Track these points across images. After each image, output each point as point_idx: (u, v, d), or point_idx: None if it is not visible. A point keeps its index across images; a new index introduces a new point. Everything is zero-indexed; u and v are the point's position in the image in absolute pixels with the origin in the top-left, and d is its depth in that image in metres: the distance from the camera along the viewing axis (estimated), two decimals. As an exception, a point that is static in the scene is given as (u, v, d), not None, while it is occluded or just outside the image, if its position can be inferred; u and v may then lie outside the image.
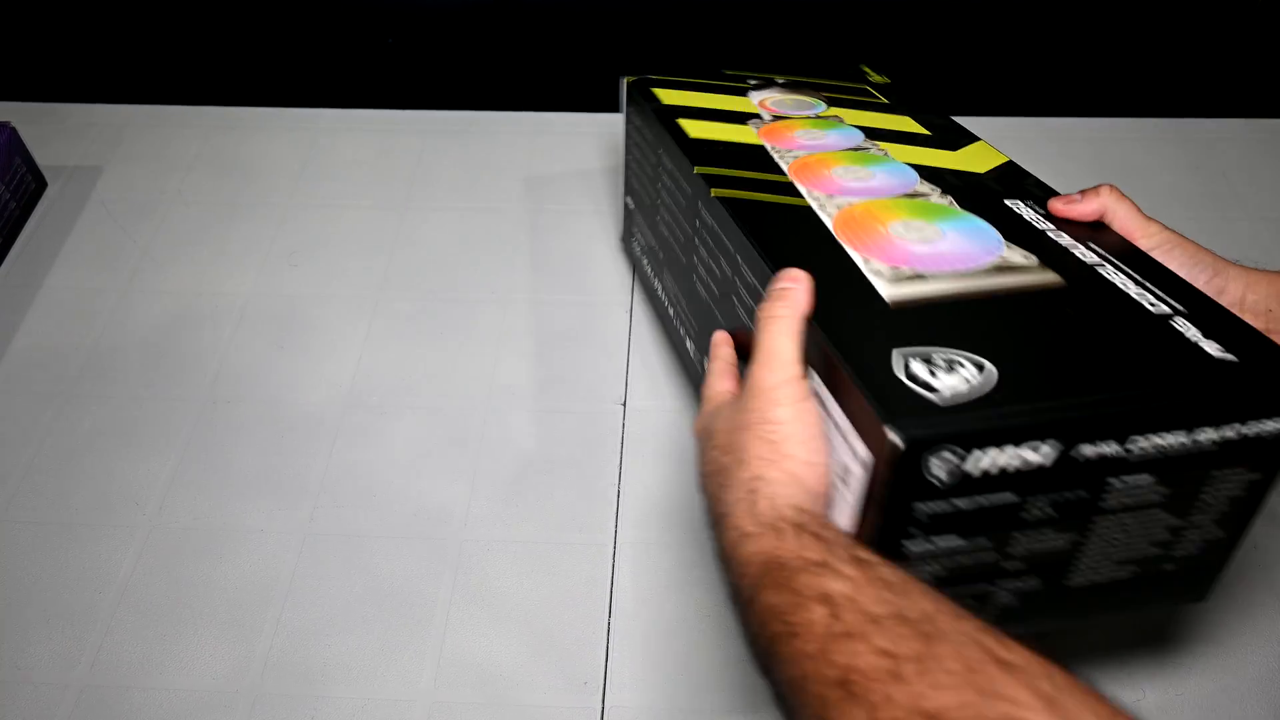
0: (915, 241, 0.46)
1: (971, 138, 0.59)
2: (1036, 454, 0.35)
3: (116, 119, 0.95)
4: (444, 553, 0.63)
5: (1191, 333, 0.39)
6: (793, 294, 0.40)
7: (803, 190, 0.51)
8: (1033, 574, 0.40)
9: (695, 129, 0.60)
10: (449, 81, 0.95)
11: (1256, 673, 0.56)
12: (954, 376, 0.36)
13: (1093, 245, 0.45)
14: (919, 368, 0.37)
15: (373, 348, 0.75)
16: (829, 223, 0.48)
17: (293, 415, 0.70)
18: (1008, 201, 0.50)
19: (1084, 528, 0.38)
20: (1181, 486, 0.38)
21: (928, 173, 0.54)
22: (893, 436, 0.34)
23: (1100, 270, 0.43)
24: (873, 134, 0.59)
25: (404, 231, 0.84)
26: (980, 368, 0.37)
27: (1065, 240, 0.46)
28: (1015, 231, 0.47)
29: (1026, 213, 0.49)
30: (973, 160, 0.56)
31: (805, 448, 0.37)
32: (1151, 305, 0.40)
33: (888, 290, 0.42)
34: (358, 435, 0.69)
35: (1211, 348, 0.38)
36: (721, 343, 0.49)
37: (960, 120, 0.62)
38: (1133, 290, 0.41)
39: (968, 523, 0.37)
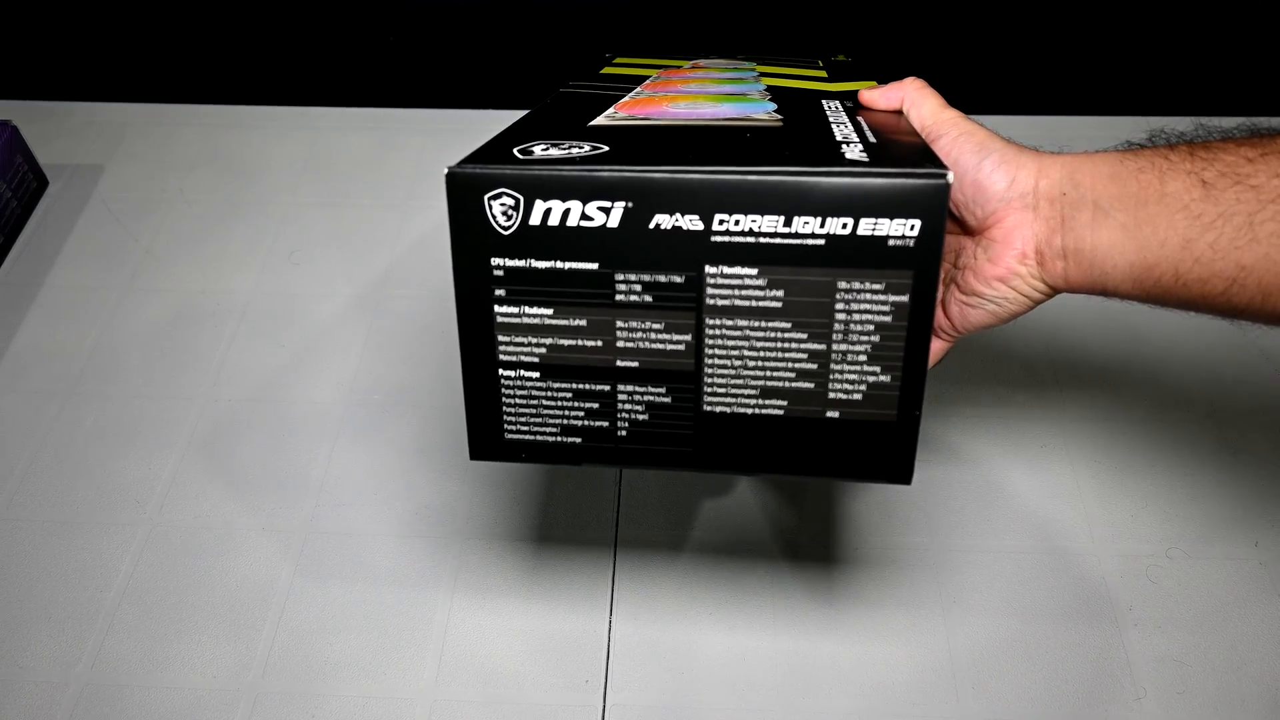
0: (681, 109, 0.45)
1: (869, 80, 0.56)
2: (605, 214, 0.35)
3: (118, 118, 0.95)
4: (445, 551, 0.63)
5: (852, 150, 0.36)
6: None
7: (621, 114, 0.48)
8: (657, 383, 0.38)
9: (610, 70, 0.59)
10: (450, 80, 0.94)
11: (1256, 670, 0.56)
12: (558, 150, 0.36)
13: (860, 118, 0.42)
14: (538, 145, 0.37)
15: (374, 346, 0.75)
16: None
17: (294, 414, 0.70)
18: (824, 100, 0.47)
19: (698, 332, 0.36)
20: (802, 295, 0.35)
21: (779, 91, 0.51)
22: (449, 170, 0.35)
23: (833, 126, 0.41)
24: (776, 90, 0.55)
25: (405, 229, 0.84)
26: (596, 149, 0.37)
27: (835, 114, 0.43)
28: (798, 110, 0.45)
29: (830, 105, 0.46)
30: (841, 86, 0.53)
31: None
32: (843, 138, 0.38)
33: (596, 121, 0.42)
34: (359, 433, 0.69)
35: (853, 153, 0.35)
36: None
37: None
38: (839, 133, 0.39)
39: (554, 293, 0.36)
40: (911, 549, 0.62)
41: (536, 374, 0.38)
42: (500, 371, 0.38)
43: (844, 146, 0.37)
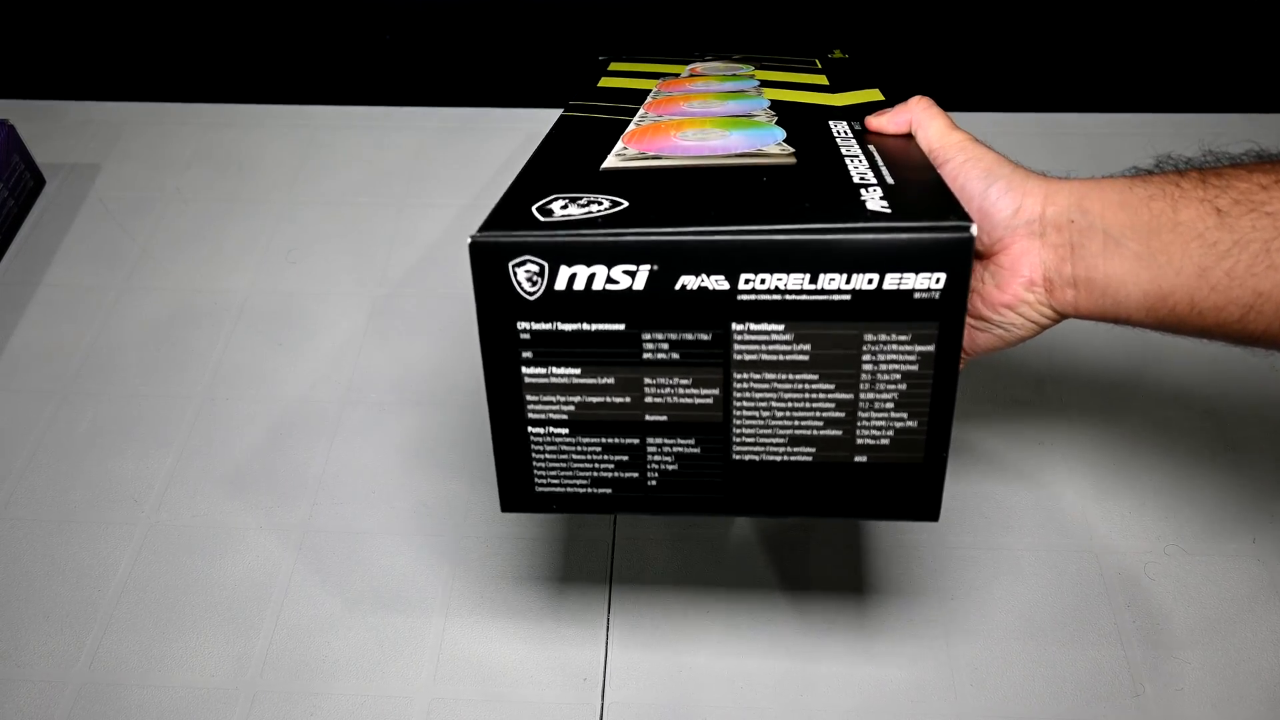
0: (690, 141, 0.45)
1: (871, 87, 0.55)
2: (631, 277, 0.35)
3: (114, 116, 0.95)
4: (443, 549, 0.63)
5: (872, 196, 0.36)
6: None
7: (632, 151, 0.47)
8: (686, 435, 0.38)
9: (608, 82, 0.59)
10: (446, 78, 0.94)
11: (1255, 668, 0.56)
12: (578, 208, 0.36)
13: (872, 147, 0.43)
14: (556, 203, 0.37)
15: (371, 344, 0.75)
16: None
17: (292, 412, 0.70)
18: (831, 121, 0.48)
19: (726, 385, 0.37)
20: (830, 348, 0.36)
21: (783, 107, 0.51)
22: (471, 239, 0.35)
23: (846, 160, 0.41)
24: (779, 104, 0.54)
25: (402, 228, 0.84)
26: (615, 205, 0.36)
27: (845, 144, 0.43)
28: (807, 138, 0.45)
29: (838, 127, 0.46)
30: (844, 99, 0.53)
31: None
32: (860, 179, 0.38)
33: (608, 162, 0.42)
34: (357, 432, 0.69)
35: (874, 201, 0.35)
36: None
37: (954, 116, 0.61)
38: (855, 172, 0.39)
39: (581, 353, 0.36)
40: (909, 547, 0.62)
41: (566, 430, 0.38)
42: (529, 429, 0.39)
43: (863, 191, 0.37)
